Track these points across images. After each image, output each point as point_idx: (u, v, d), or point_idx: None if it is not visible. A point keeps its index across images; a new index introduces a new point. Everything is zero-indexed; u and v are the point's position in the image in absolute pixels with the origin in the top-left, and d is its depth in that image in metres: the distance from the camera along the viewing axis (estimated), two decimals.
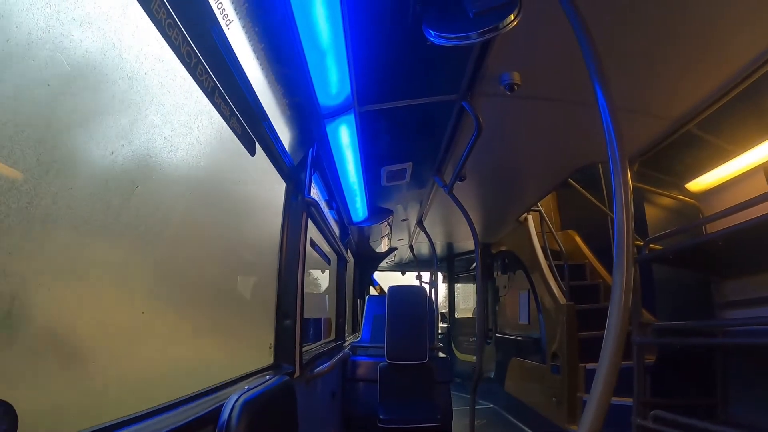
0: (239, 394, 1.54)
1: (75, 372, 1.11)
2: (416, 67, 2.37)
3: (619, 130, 1.40)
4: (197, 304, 1.77)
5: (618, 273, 1.30)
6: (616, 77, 2.28)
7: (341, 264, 5.32)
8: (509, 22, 1.77)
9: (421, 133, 3.19)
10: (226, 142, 1.90)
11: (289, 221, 2.70)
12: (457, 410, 5.31)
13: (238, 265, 2.23)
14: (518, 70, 2.40)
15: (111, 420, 1.14)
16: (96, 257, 1.13)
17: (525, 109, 2.88)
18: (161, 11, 1.31)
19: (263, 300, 2.52)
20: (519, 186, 4.80)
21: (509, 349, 6.91)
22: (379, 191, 4.35)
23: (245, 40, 1.68)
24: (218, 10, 1.48)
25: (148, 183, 1.36)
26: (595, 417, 1.23)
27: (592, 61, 1.47)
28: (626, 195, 1.34)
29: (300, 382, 2.62)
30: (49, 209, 0.98)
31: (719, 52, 2.30)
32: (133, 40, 1.25)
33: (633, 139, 3.19)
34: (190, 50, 1.49)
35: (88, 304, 1.14)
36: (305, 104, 2.37)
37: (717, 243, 2.69)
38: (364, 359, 5.20)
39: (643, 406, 3.07)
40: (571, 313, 5.05)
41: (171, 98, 1.46)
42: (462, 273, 10.71)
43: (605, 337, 1.29)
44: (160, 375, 1.52)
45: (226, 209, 2.02)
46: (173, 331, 1.62)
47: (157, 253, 1.44)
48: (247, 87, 1.85)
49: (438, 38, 1.87)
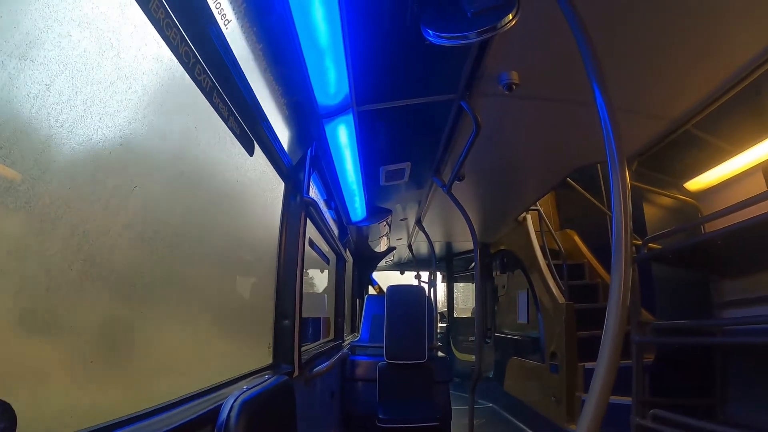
0: (238, 394, 1.54)
1: (73, 371, 1.11)
2: (414, 67, 2.37)
3: (617, 129, 1.40)
4: (195, 303, 1.77)
5: (616, 272, 1.30)
6: (615, 77, 2.28)
7: (340, 263, 5.31)
8: (507, 22, 1.77)
9: (419, 132, 3.20)
10: (224, 142, 1.91)
11: (288, 221, 2.70)
12: (456, 409, 5.32)
13: (236, 265, 2.23)
14: (516, 70, 2.40)
15: (110, 419, 1.15)
16: (93, 256, 1.13)
17: (523, 109, 2.88)
18: (159, 11, 1.31)
19: (262, 300, 2.52)
20: (518, 186, 4.80)
21: (508, 348, 6.91)
22: (377, 191, 4.35)
23: (244, 40, 1.68)
24: (216, 10, 1.48)
25: (146, 183, 1.36)
26: (593, 416, 1.23)
27: (590, 61, 1.47)
28: (624, 194, 1.34)
29: (299, 382, 2.62)
30: (47, 209, 0.98)
31: (718, 51, 2.30)
32: (131, 40, 1.25)
33: (631, 139, 3.19)
34: (189, 50, 1.50)
35: (86, 303, 1.14)
36: (304, 104, 2.37)
37: (716, 242, 2.69)
38: (363, 359, 5.19)
39: (642, 406, 3.07)
40: (570, 313, 5.05)
41: (170, 98, 1.46)
42: (461, 272, 10.71)
43: (603, 336, 1.29)
44: (158, 374, 1.52)
45: (224, 209, 2.03)
46: (172, 330, 1.62)
47: (156, 253, 1.44)
48: (246, 87, 1.85)
49: (436, 38, 1.87)
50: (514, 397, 6.39)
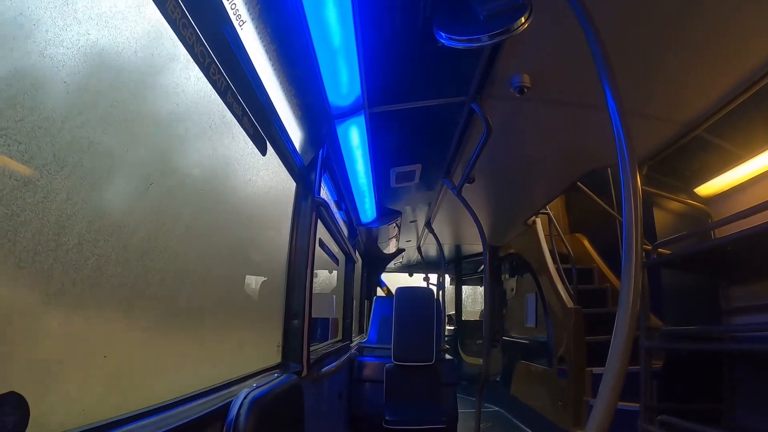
0: (248, 392, 1.55)
1: (87, 367, 1.13)
2: (426, 69, 2.37)
3: (628, 133, 1.40)
4: (207, 301, 1.79)
5: (626, 277, 1.31)
6: (626, 80, 2.28)
7: (349, 264, 5.32)
8: (520, 25, 1.77)
9: (430, 134, 3.20)
10: (237, 141, 1.92)
11: (299, 221, 2.71)
12: (462, 413, 5.30)
13: (247, 264, 2.25)
14: (528, 73, 2.41)
15: (122, 414, 1.16)
16: (108, 253, 1.15)
17: (534, 112, 2.88)
18: (176, 11, 1.33)
19: (272, 299, 2.53)
20: (528, 189, 4.80)
21: (516, 352, 6.89)
22: (388, 192, 4.36)
23: (258, 41, 1.70)
24: (231, 11, 1.50)
25: (162, 180, 1.37)
26: (601, 421, 1.23)
27: (602, 64, 1.47)
28: (635, 199, 1.34)
29: (307, 382, 2.62)
30: (64, 205, 1.00)
31: (729, 55, 2.29)
32: (148, 39, 1.27)
33: (643, 143, 3.18)
34: (204, 50, 1.51)
35: (100, 300, 1.16)
36: (316, 105, 2.39)
37: (726, 248, 2.68)
38: (371, 360, 5.20)
39: (650, 411, 3.06)
40: (579, 317, 5.03)
41: (185, 97, 1.47)
42: (470, 275, 10.70)
43: (612, 341, 1.29)
44: (170, 371, 1.54)
45: (236, 208, 2.04)
46: (183, 327, 1.63)
47: (169, 250, 1.46)
48: (259, 87, 1.86)
49: (448, 41, 1.88)
50: (521, 402, 6.37)
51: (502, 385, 7.19)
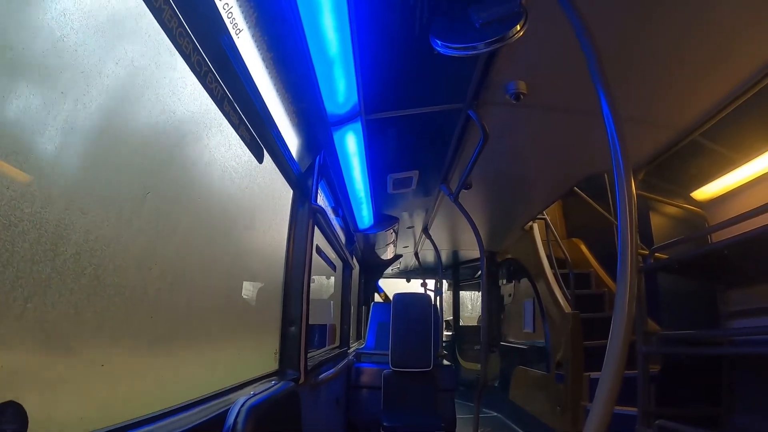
0: (245, 399, 1.55)
1: (85, 375, 1.13)
2: (423, 77, 2.38)
3: (623, 139, 1.41)
4: (204, 308, 1.79)
5: (622, 282, 1.31)
6: (622, 87, 2.29)
7: (346, 271, 5.32)
8: (515, 33, 1.78)
9: (427, 141, 3.21)
10: (234, 149, 1.93)
11: (296, 228, 2.71)
12: (461, 418, 5.29)
13: (244, 271, 2.25)
14: (524, 80, 2.41)
15: (119, 422, 1.16)
16: (106, 262, 1.15)
17: (531, 118, 2.89)
18: (173, 20, 1.34)
19: (269, 306, 2.53)
20: (524, 194, 4.80)
21: (514, 357, 6.88)
22: (385, 199, 4.36)
23: (254, 49, 1.71)
24: (228, 20, 1.50)
25: (159, 189, 1.38)
26: (598, 426, 1.24)
27: (597, 71, 1.48)
28: (630, 205, 1.35)
29: (305, 388, 2.62)
30: (61, 214, 1.00)
31: (724, 61, 2.30)
32: (145, 48, 1.27)
33: (638, 149, 3.19)
34: (201, 59, 1.52)
35: (98, 309, 1.16)
36: (313, 112, 2.39)
37: (722, 252, 2.69)
38: (369, 366, 5.18)
39: (648, 416, 3.06)
40: (576, 322, 5.02)
41: (181, 106, 1.48)
42: (467, 281, 10.69)
43: (609, 345, 1.29)
44: (167, 379, 1.54)
45: (233, 215, 2.04)
46: (181, 336, 1.63)
47: (167, 258, 1.46)
48: (256, 95, 1.87)
49: (445, 48, 1.89)
50: (519, 407, 6.36)
51: (501, 390, 7.17)
